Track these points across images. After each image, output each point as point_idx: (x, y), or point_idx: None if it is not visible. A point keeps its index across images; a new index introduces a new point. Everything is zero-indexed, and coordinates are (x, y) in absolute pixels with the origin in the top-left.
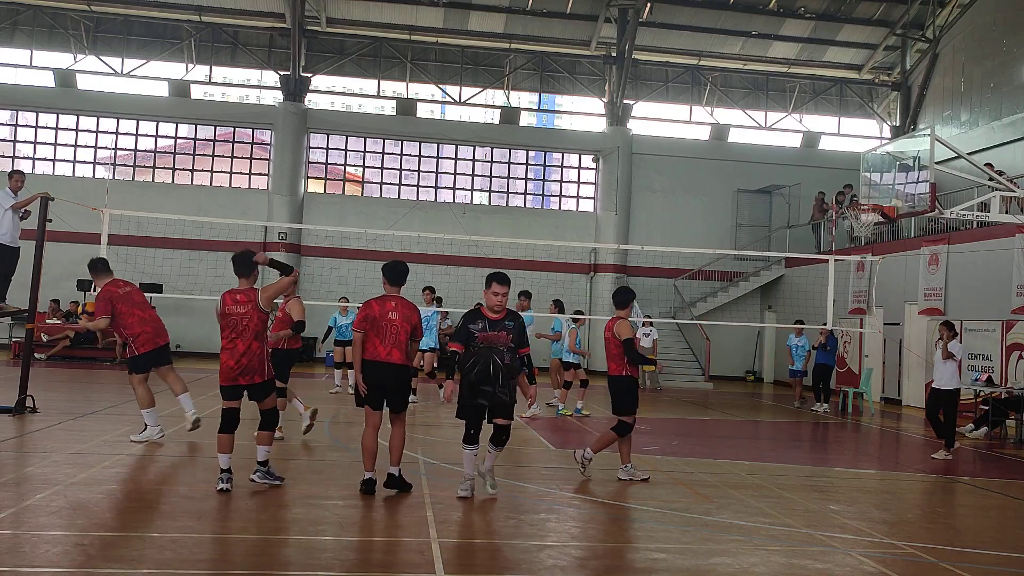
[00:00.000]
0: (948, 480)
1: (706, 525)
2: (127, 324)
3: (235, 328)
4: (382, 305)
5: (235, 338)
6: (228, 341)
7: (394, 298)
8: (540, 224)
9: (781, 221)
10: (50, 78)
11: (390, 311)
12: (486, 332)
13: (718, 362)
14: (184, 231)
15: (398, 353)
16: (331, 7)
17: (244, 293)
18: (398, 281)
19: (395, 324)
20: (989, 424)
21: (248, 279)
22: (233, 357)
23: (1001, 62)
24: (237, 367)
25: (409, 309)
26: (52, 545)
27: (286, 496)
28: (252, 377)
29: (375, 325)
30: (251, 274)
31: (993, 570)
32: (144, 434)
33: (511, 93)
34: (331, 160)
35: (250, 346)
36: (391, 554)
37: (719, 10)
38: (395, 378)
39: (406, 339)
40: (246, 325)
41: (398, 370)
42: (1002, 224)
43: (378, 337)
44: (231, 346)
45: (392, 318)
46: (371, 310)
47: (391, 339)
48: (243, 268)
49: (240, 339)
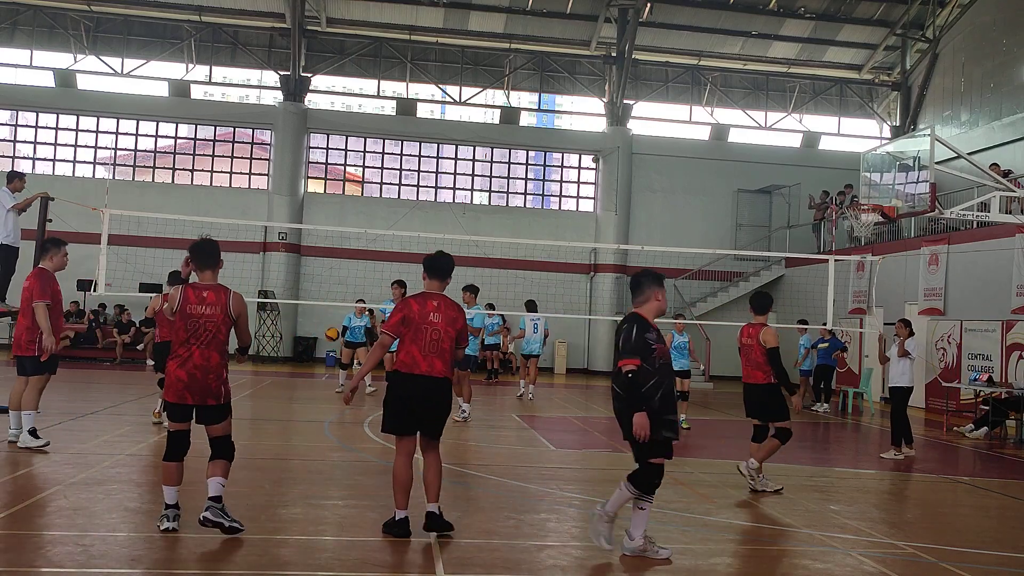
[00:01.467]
0: (948, 480)
1: (706, 525)
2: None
3: (195, 333)
4: (422, 305)
5: (192, 345)
6: (183, 347)
7: (437, 296)
8: (540, 224)
9: (781, 221)
10: (50, 78)
11: (432, 312)
12: (663, 345)
13: (718, 362)
14: (184, 231)
15: (440, 364)
16: (331, 7)
17: (213, 291)
18: (440, 275)
19: (438, 328)
20: (989, 424)
21: (214, 272)
22: (184, 368)
23: (1001, 62)
24: (189, 381)
25: (455, 311)
26: (52, 545)
27: (286, 496)
28: (205, 398)
29: (413, 329)
30: (216, 266)
31: (993, 570)
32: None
33: (511, 93)
34: (331, 160)
35: (209, 359)
36: (391, 554)
37: (719, 10)
38: (434, 395)
39: (450, 347)
40: (210, 331)
41: (439, 385)
42: (1002, 224)
43: (416, 344)
44: (185, 353)
45: (434, 320)
46: (409, 310)
47: (432, 346)
48: (209, 258)
49: (199, 348)
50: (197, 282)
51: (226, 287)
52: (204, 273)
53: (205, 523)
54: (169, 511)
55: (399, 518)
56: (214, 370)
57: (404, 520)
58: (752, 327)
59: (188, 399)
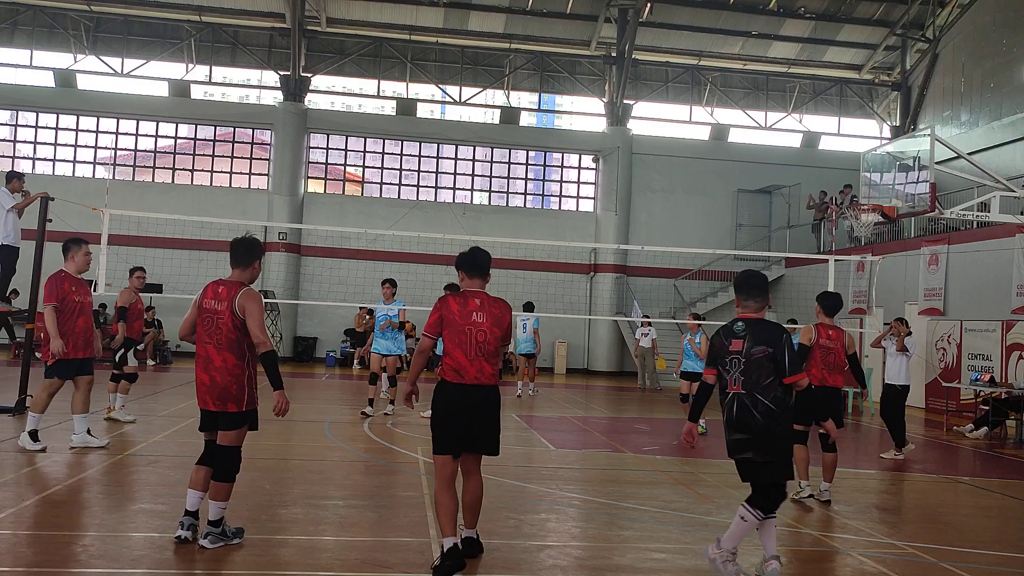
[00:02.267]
0: (948, 480)
1: (706, 525)
2: None
3: (208, 331)
4: (463, 304)
5: (208, 344)
6: (201, 347)
7: (479, 295)
8: (540, 224)
9: (781, 221)
10: (50, 78)
11: (474, 312)
12: None
13: None
14: (184, 231)
15: (489, 369)
16: (331, 7)
17: (227, 287)
18: (480, 272)
19: (483, 329)
20: (989, 424)
21: (245, 272)
22: (207, 371)
23: (1001, 62)
24: (209, 384)
25: (500, 308)
26: (52, 545)
27: (286, 496)
28: (225, 403)
29: (455, 332)
30: (249, 267)
31: (993, 570)
32: None
33: (511, 93)
34: (331, 160)
35: (226, 361)
36: (391, 554)
37: (719, 10)
38: (487, 405)
39: (496, 349)
40: (220, 328)
41: (488, 394)
42: (1002, 224)
43: (460, 348)
44: (203, 353)
45: (477, 320)
46: (447, 309)
47: (477, 349)
48: (243, 256)
49: (213, 347)
50: (221, 278)
51: (241, 283)
52: (234, 271)
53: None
54: (185, 519)
55: (448, 548)
56: (233, 372)
57: (454, 548)
58: (833, 329)
59: (210, 404)
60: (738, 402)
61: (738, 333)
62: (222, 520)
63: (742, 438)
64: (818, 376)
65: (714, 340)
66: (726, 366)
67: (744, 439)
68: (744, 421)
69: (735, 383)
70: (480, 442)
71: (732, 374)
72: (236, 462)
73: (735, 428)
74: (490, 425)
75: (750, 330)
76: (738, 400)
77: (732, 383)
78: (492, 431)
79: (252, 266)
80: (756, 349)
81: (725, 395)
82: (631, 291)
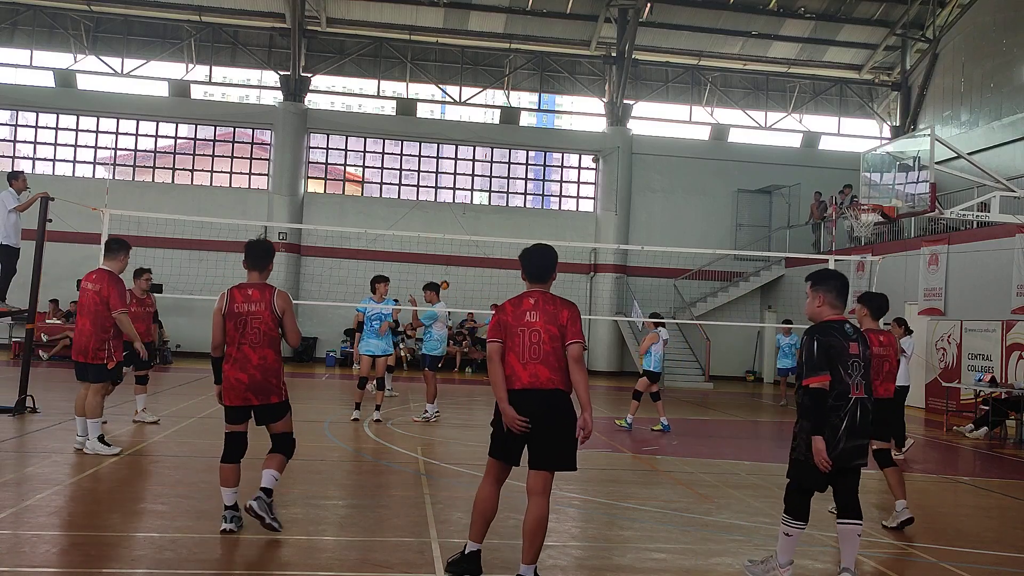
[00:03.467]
0: (948, 480)
1: (706, 525)
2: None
3: (244, 332)
4: (517, 305)
5: (244, 345)
6: (235, 348)
7: (535, 294)
8: (540, 224)
9: (781, 221)
10: (50, 78)
11: (528, 311)
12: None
13: (718, 362)
14: (184, 231)
15: (546, 372)
16: (331, 7)
17: (257, 289)
18: (539, 277)
19: (536, 328)
20: (989, 424)
21: (262, 274)
22: (245, 371)
23: (1001, 62)
24: (250, 383)
25: (555, 305)
26: (52, 545)
27: (286, 496)
28: (268, 396)
29: (509, 335)
30: (266, 268)
31: (993, 570)
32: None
33: (511, 93)
34: (331, 160)
35: (266, 358)
36: (391, 554)
37: (719, 10)
38: (544, 410)
39: (554, 349)
40: (258, 328)
41: (549, 398)
42: (1002, 224)
43: (513, 352)
44: (238, 355)
45: (531, 320)
46: (503, 313)
47: (532, 351)
48: (260, 259)
49: (250, 347)
50: (243, 283)
51: (271, 285)
52: (252, 273)
53: (249, 511)
54: (227, 512)
55: (469, 551)
56: (272, 368)
57: (475, 554)
58: (884, 334)
59: (252, 400)
60: (862, 407)
61: (851, 335)
62: (272, 491)
63: (864, 443)
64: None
65: (827, 342)
66: (848, 370)
67: (865, 444)
68: (866, 427)
69: (858, 388)
70: (540, 455)
71: (855, 378)
72: (293, 442)
73: (860, 434)
74: (551, 432)
75: (858, 333)
76: (862, 405)
77: (855, 388)
78: (555, 442)
79: (269, 268)
80: (868, 352)
81: (841, 402)
82: (631, 291)
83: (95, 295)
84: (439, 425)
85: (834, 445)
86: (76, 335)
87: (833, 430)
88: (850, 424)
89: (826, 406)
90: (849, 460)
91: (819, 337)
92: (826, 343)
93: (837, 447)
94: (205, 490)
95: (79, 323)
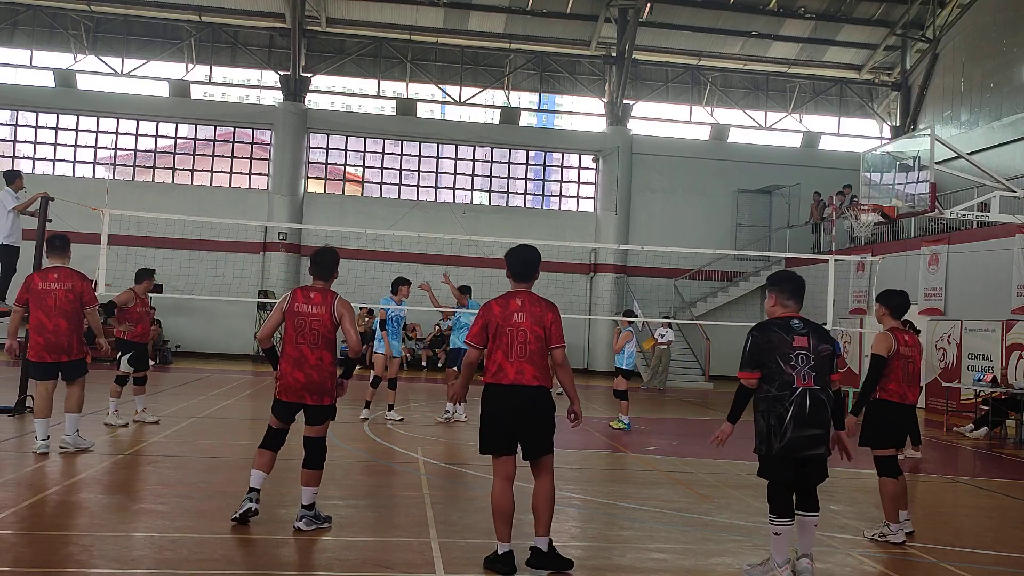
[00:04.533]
0: (948, 480)
1: (706, 525)
2: None
3: (302, 332)
4: (504, 306)
5: (302, 344)
6: (293, 347)
7: (521, 294)
8: (540, 224)
9: (781, 221)
10: (50, 78)
11: (515, 312)
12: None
13: (718, 362)
14: (184, 231)
15: (531, 370)
16: (331, 7)
17: (319, 292)
18: (524, 275)
19: (523, 329)
20: (989, 424)
21: (327, 282)
22: (302, 370)
23: (1001, 62)
24: (306, 381)
25: (541, 307)
26: (52, 545)
27: (286, 496)
28: (322, 397)
29: (497, 334)
30: (330, 277)
31: (993, 570)
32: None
33: (511, 93)
34: (331, 160)
35: (322, 359)
36: (391, 554)
37: (719, 10)
38: (528, 406)
39: (539, 349)
40: (316, 330)
41: (533, 395)
42: (1002, 224)
43: (501, 350)
44: (296, 354)
45: (518, 321)
46: (490, 314)
47: (519, 350)
48: (324, 269)
49: (308, 347)
50: (307, 285)
51: (333, 291)
52: (316, 281)
53: (298, 532)
54: (251, 493)
55: (502, 552)
56: (328, 370)
57: (508, 555)
58: (908, 334)
59: (307, 399)
60: (812, 397)
61: (799, 330)
62: (315, 504)
63: (817, 433)
64: (898, 392)
65: (766, 337)
66: (791, 362)
67: (819, 434)
68: (820, 416)
69: (804, 379)
70: (529, 446)
71: (800, 370)
72: (325, 451)
73: (809, 424)
74: (536, 427)
75: (810, 328)
76: (811, 395)
77: (800, 379)
78: (538, 432)
79: (334, 276)
80: (822, 347)
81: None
82: (631, 291)
83: (67, 293)
84: (439, 425)
85: (780, 434)
86: (51, 336)
87: (779, 419)
88: (796, 414)
89: (746, 399)
90: (799, 450)
91: (755, 334)
92: (762, 339)
93: (784, 436)
94: (205, 490)
95: (52, 323)
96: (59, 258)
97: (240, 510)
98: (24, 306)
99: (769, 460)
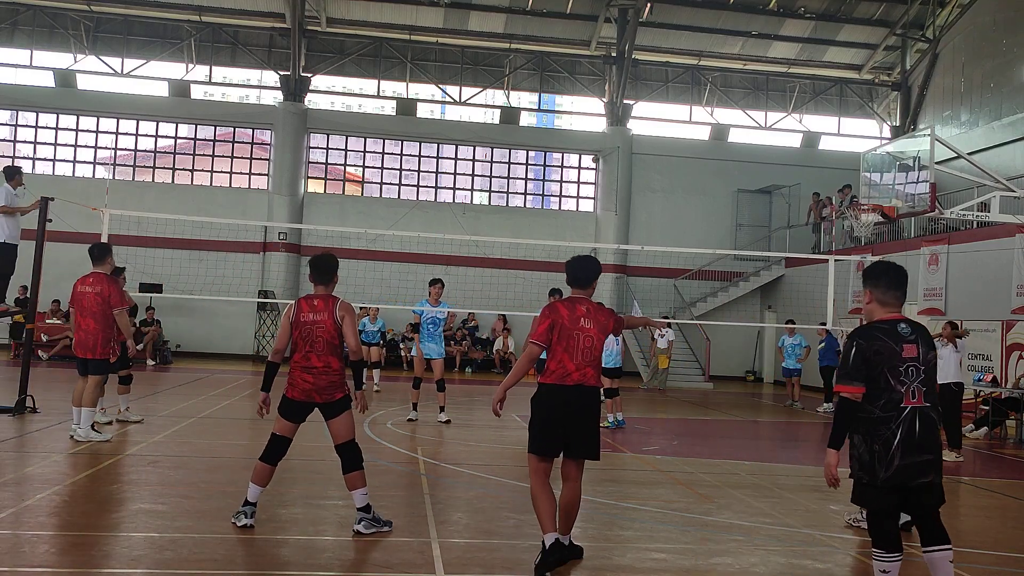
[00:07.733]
0: (948, 480)
1: (706, 525)
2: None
3: (309, 340)
4: (571, 310)
5: (310, 353)
6: (302, 356)
7: (585, 301)
8: (540, 224)
9: (781, 221)
10: (50, 78)
11: (582, 318)
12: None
13: (718, 362)
14: (184, 231)
15: (592, 373)
16: (331, 7)
17: (322, 299)
18: (582, 284)
19: (590, 335)
20: (989, 424)
21: (327, 287)
22: (310, 372)
23: (1001, 62)
24: (314, 382)
25: (604, 315)
26: (52, 545)
27: (286, 496)
28: (332, 393)
29: (564, 336)
30: (331, 282)
31: (993, 570)
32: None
33: (511, 93)
34: (331, 160)
35: (330, 364)
36: (391, 554)
37: (719, 10)
38: (587, 407)
39: (600, 355)
40: (321, 336)
41: (589, 398)
42: (1002, 224)
43: (568, 352)
44: (305, 362)
45: (586, 327)
46: (558, 315)
47: (585, 354)
48: (323, 275)
49: (316, 355)
50: (310, 294)
51: (335, 296)
52: (318, 287)
53: (358, 535)
54: (246, 507)
55: (549, 543)
56: (336, 373)
57: (557, 544)
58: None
59: (316, 398)
60: (922, 417)
61: (907, 336)
62: (370, 506)
63: (929, 459)
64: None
65: (872, 347)
66: (900, 376)
67: (930, 460)
68: (931, 439)
69: (914, 396)
70: (578, 446)
71: (910, 385)
72: (359, 451)
73: (920, 449)
74: (589, 429)
75: (918, 332)
76: (922, 415)
77: (910, 396)
78: (590, 435)
79: (334, 280)
80: (931, 355)
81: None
82: (631, 291)
83: (96, 296)
84: (439, 425)
85: (887, 462)
86: (81, 334)
87: (885, 444)
88: (906, 437)
89: (852, 418)
90: (910, 479)
91: (859, 342)
92: (868, 349)
93: (891, 464)
94: (205, 490)
95: (83, 323)
96: (96, 264)
97: (237, 525)
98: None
99: (868, 488)
